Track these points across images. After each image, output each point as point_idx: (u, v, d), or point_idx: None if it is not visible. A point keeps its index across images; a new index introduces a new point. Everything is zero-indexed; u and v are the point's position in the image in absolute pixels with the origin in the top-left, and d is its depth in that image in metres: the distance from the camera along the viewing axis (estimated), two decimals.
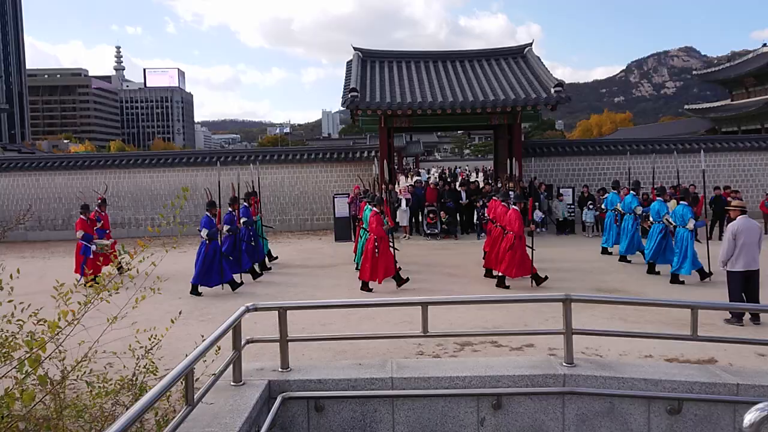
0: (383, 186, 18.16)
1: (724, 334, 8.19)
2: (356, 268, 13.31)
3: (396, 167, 42.85)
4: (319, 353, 7.40)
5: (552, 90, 19.53)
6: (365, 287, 11.78)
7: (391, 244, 11.84)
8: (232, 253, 12.84)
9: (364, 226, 12.70)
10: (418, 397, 4.61)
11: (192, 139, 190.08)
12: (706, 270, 12.11)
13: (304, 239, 20.45)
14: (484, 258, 13.22)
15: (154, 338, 4.63)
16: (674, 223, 12.25)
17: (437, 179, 28.29)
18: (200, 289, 11.93)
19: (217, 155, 24.35)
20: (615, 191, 15.98)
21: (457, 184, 23.55)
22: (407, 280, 12.00)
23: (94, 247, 13.19)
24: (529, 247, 11.60)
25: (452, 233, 19.58)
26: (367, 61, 23.09)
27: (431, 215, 19.75)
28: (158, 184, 22.87)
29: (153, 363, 4.57)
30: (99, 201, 14.75)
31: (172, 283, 5.82)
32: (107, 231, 14.45)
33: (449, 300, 5.40)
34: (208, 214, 12.26)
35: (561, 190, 20.75)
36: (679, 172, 18.22)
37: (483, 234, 18.99)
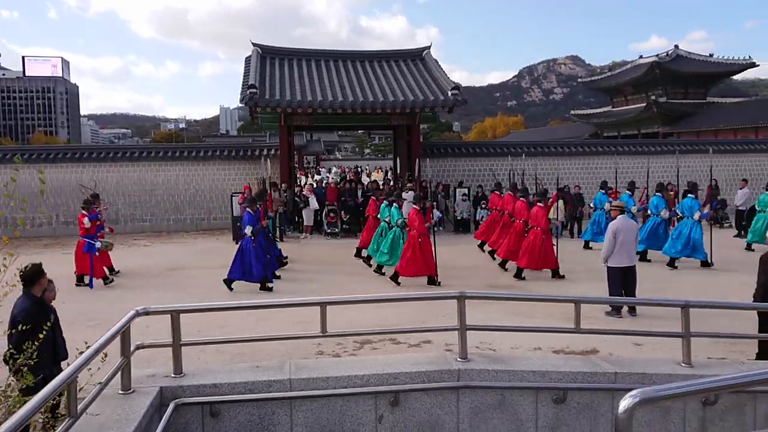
0: (276, 186, 18.13)
1: (605, 326, 8.74)
2: (365, 261, 14.47)
3: (297, 166, 42.51)
4: (217, 357, 7.18)
5: (449, 93, 20.07)
6: (395, 279, 12.26)
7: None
8: None
9: (386, 220, 13.71)
10: (316, 398, 4.60)
11: (78, 133, 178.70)
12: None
13: (200, 239, 19.81)
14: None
15: (31, 345, 4.31)
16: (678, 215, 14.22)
17: (337, 178, 28.32)
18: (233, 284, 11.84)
19: (105, 151, 23.06)
20: (603, 191, 16.94)
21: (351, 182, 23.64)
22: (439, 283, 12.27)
23: (99, 245, 12.45)
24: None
25: (353, 232, 19.65)
26: (267, 57, 22.71)
27: (332, 215, 19.74)
28: (37, 182, 21.34)
29: (28, 374, 4.25)
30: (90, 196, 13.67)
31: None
32: (104, 228, 13.74)
33: (347, 300, 5.43)
34: (250, 210, 12.27)
35: (459, 191, 21.37)
36: (560, 174, 19.62)
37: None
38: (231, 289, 11.81)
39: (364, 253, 14.95)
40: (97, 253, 12.38)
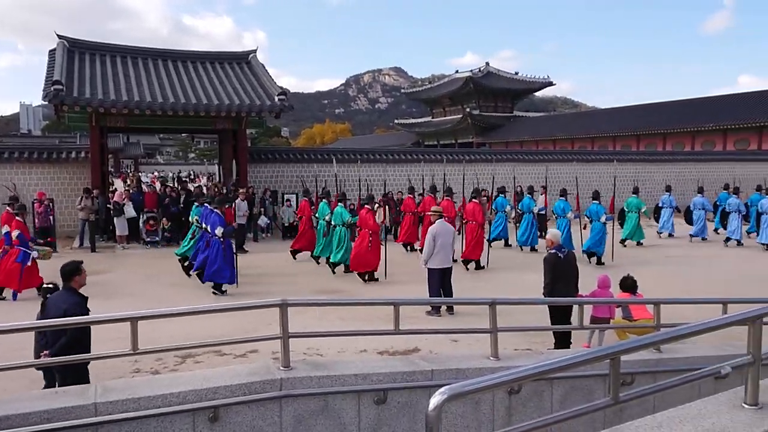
0: (89, 192, 16.80)
1: (425, 326, 9.19)
2: (312, 256, 15.27)
3: (112, 170, 39.41)
4: (11, 384, 6.38)
5: (276, 98, 19.88)
6: (372, 278, 13.38)
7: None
8: None
9: (335, 222, 14.08)
10: (125, 421, 4.24)
11: None
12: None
13: None
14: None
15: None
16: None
17: (160, 184, 26.72)
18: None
19: None
20: (530, 195, 18.24)
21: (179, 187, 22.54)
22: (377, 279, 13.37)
23: (35, 254, 11.60)
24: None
25: (175, 241, 18.63)
26: (75, 51, 20.80)
27: (151, 222, 18.58)
28: None
29: None
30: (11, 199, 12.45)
31: None
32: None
33: (159, 313, 5.10)
34: (219, 211, 12.27)
35: (286, 196, 21.23)
36: (386, 181, 20.41)
37: None
38: (224, 292, 12.07)
39: (305, 255, 15.73)
40: (30, 263, 11.57)
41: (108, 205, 18.65)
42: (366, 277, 13.39)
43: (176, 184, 25.15)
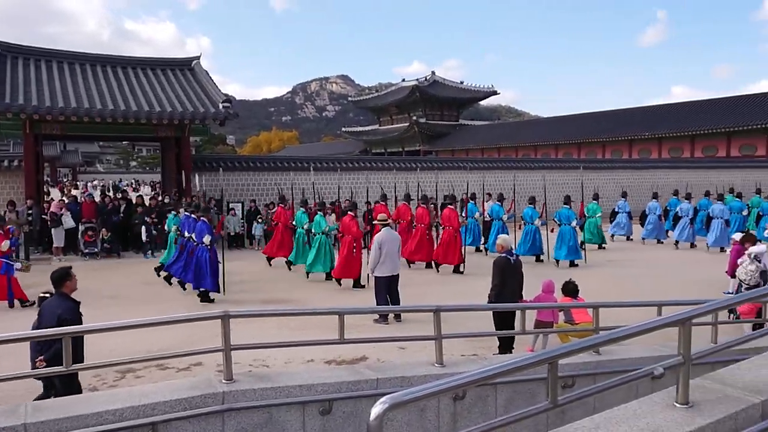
0: (13, 205, 16.21)
1: (373, 334, 9.16)
2: (286, 262, 15.57)
3: (48, 179, 37.96)
4: (6, 386, 6.03)
5: (220, 105, 19.58)
6: (358, 284, 13.43)
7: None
8: None
9: (315, 231, 14.17)
10: None
11: None
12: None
13: None
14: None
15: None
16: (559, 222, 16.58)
17: (100, 193, 25.92)
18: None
19: None
20: (498, 203, 18.35)
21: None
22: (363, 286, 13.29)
23: (19, 265, 11.77)
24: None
25: (115, 252, 18.07)
26: (8, 55, 19.97)
27: (90, 233, 17.95)
28: None
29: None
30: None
31: None
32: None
33: (91, 328, 4.92)
34: (206, 219, 12.33)
35: (231, 205, 20.89)
36: (340, 188, 20.36)
37: (150, 252, 18.04)
38: (212, 300, 12.11)
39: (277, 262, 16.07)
40: (15, 274, 11.64)
41: (44, 216, 17.92)
42: (352, 285, 13.53)
43: (115, 194, 24.44)
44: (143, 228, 18.13)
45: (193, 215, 12.96)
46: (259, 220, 20.06)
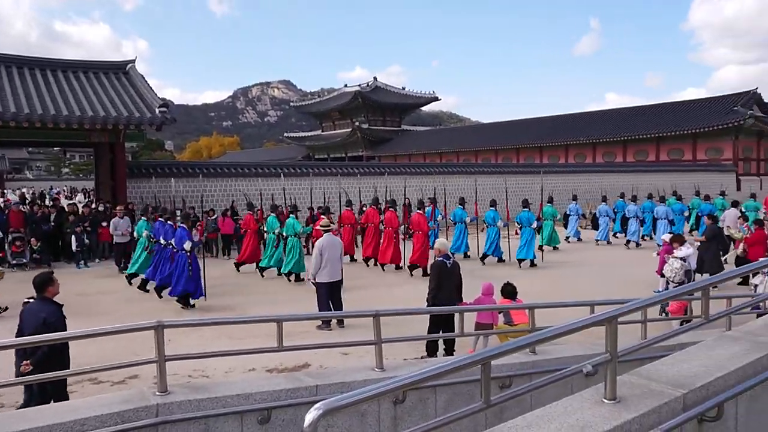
0: None
1: (315, 340, 9.11)
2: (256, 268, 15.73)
3: None
4: None
5: (157, 110, 19.09)
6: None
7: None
8: None
9: (287, 233, 14.60)
10: None
11: None
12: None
13: None
14: None
15: None
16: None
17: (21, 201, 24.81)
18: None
19: None
20: (461, 206, 18.44)
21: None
22: None
23: None
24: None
25: (45, 262, 17.31)
26: None
27: (17, 243, 17.16)
28: None
29: None
30: None
31: None
32: None
33: (14, 343, 4.72)
34: (184, 226, 12.40)
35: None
36: (286, 191, 20.17)
37: (83, 263, 17.41)
38: (190, 305, 12.20)
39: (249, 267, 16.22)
40: None
41: None
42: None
43: (42, 202, 23.47)
44: (73, 237, 17.47)
45: (169, 222, 13.22)
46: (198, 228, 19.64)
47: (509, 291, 8.77)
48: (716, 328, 5.89)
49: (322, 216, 15.05)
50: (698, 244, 13.15)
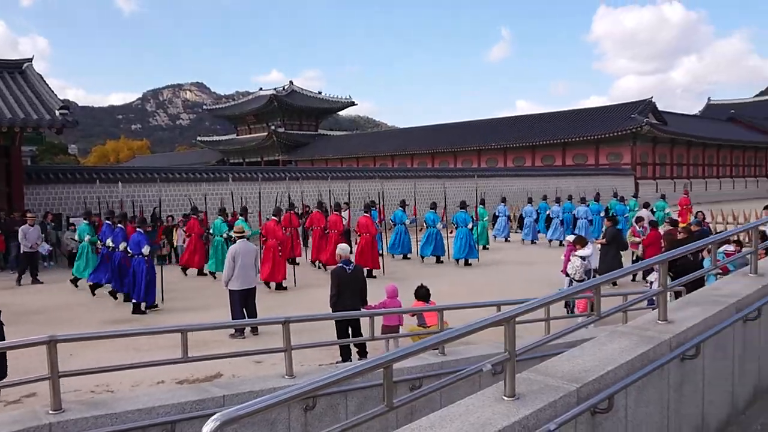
0: None
1: (229, 349, 8.89)
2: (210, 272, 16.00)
3: None
4: None
5: (56, 112, 18.11)
6: (280, 287, 14.24)
7: None
8: None
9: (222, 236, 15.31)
10: None
11: None
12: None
13: None
14: None
15: None
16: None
17: None
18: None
19: None
20: (401, 209, 18.94)
21: None
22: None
23: None
24: None
25: None
26: None
27: None
28: None
29: None
30: None
31: None
32: None
33: None
34: (142, 230, 12.41)
35: (72, 220, 19.34)
36: (191, 197, 19.97)
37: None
38: (145, 312, 12.11)
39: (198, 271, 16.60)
40: None
41: None
42: (275, 287, 14.27)
43: None
44: None
45: (119, 225, 13.51)
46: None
47: (422, 294, 8.91)
48: (613, 324, 6.23)
49: (240, 216, 14.96)
50: (599, 246, 13.84)
